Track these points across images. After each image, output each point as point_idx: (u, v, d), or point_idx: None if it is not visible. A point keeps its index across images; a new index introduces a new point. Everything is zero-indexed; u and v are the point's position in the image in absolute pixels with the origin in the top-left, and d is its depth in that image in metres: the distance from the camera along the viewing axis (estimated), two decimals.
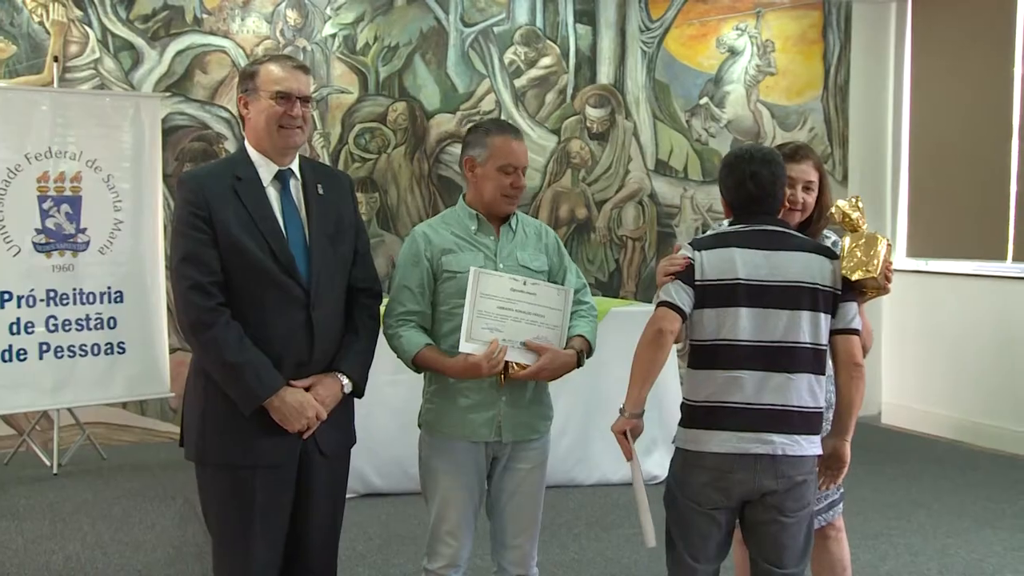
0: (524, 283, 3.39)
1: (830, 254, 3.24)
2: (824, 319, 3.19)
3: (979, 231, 8.08)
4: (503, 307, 3.35)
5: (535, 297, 3.39)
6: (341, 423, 3.33)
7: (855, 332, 3.21)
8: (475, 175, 3.49)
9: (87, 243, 6.59)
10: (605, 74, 8.44)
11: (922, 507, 6.05)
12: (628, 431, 3.21)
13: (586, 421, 6.16)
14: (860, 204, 3.39)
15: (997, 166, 7.88)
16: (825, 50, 8.80)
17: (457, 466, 3.45)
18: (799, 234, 3.30)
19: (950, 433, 7.98)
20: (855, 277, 3.22)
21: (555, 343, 3.41)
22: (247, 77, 3.22)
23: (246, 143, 3.25)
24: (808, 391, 3.18)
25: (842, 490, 3.68)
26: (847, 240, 3.29)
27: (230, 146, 7.53)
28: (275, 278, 3.11)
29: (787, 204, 3.54)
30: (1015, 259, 7.80)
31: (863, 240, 3.27)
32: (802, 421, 3.18)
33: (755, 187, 3.26)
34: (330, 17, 7.80)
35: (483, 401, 3.43)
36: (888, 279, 3.30)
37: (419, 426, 3.58)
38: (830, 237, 3.71)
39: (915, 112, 8.69)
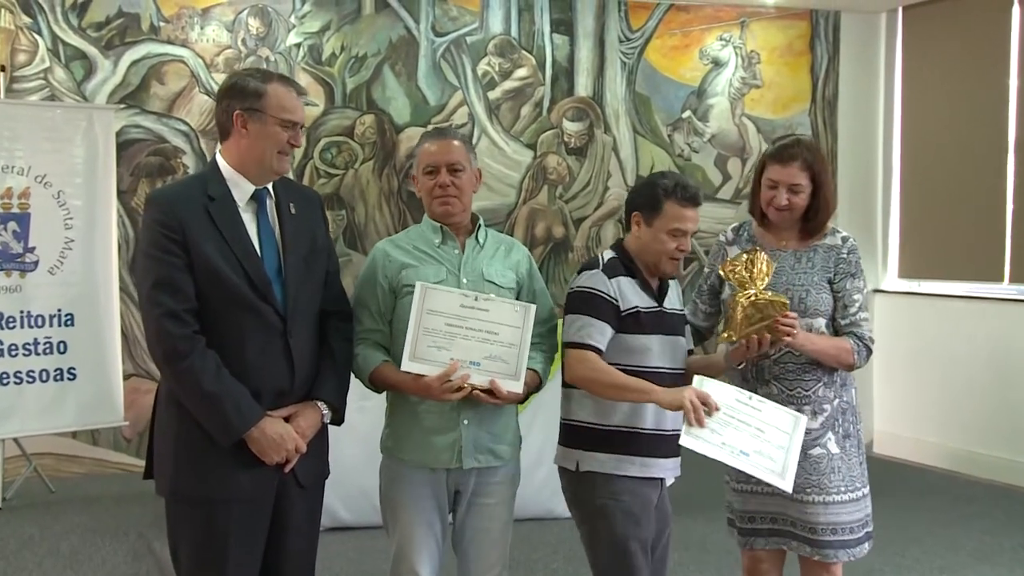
0: (476, 299, 3.37)
1: (581, 270, 3.64)
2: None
3: (974, 251, 8.11)
4: (451, 324, 3.33)
5: (488, 314, 3.36)
6: (317, 453, 3.33)
7: (568, 344, 3.55)
8: (419, 189, 3.59)
9: (36, 263, 6.53)
10: (583, 86, 8.46)
11: (915, 541, 6.05)
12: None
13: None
14: (755, 262, 3.52)
15: (992, 183, 7.92)
16: (813, 62, 8.83)
17: (417, 497, 3.44)
18: (601, 255, 3.67)
19: (944, 463, 7.99)
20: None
21: (511, 361, 3.37)
22: (252, 95, 3.17)
23: (218, 159, 3.23)
24: None
25: (857, 536, 3.69)
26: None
27: (188, 161, 7.52)
28: (251, 304, 3.11)
29: (772, 206, 3.71)
30: (1012, 280, 7.83)
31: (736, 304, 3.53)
32: None
33: None
34: (294, 26, 7.79)
35: (443, 424, 3.42)
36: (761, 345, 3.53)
37: (381, 451, 3.58)
38: (839, 232, 3.78)
39: (907, 126, 8.72)
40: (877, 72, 8.85)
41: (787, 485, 3.39)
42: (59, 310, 6.61)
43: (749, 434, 3.38)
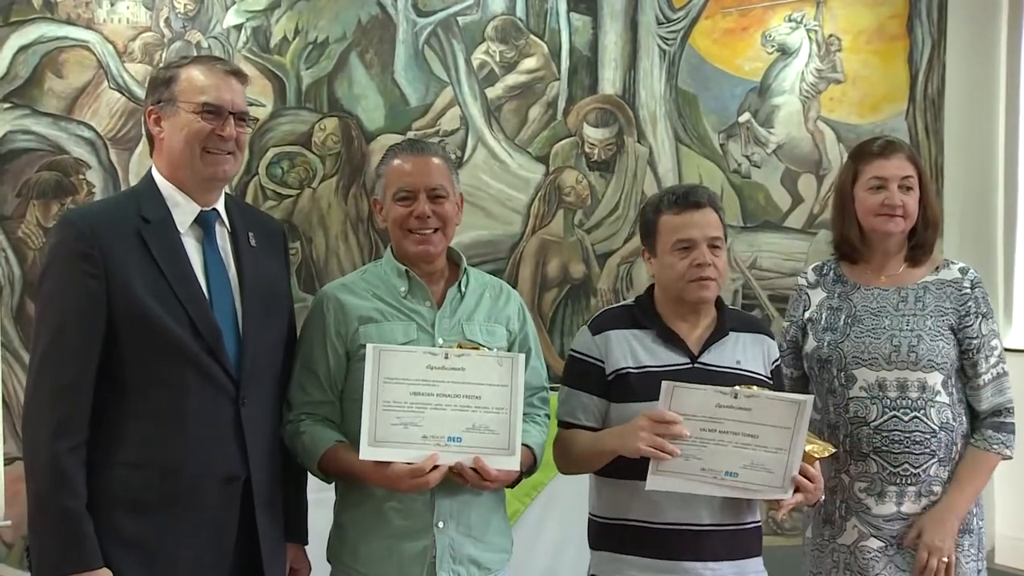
0: (446, 356, 3.33)
1: None
2: None
3: None
4: (418, 392, 3.30)
5: (464, 373, 3.33)
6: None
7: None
8: (384, 218, 3.60)
9: None
10: (610, 81, 8.42)
11: None
12: None
13: (582, 547, 6.07)
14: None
15: None
16: (911, 49, 8.73)
17: None
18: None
19: None
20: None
21: (500, 431, 3.33)
22: (161, 84, 3.24)
23: (154, 172, 3.26)
24: None
25: None
26: None
27: (94, 177, 7.45)
28: (195, 360, 3.10)
29: (882, 212, 3.82)
30: None
31: None
32: None
33: None
34: (234, 2, 7.75)
35: (412, 526, 3.39)
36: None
37: (328, 560, 3.58)
38: (954, 264, 3.84)
39: None
40: (997, 61, 8.69)
41: (788, 492, 3.41)
42: None
43: (736, 444, 3.38)
